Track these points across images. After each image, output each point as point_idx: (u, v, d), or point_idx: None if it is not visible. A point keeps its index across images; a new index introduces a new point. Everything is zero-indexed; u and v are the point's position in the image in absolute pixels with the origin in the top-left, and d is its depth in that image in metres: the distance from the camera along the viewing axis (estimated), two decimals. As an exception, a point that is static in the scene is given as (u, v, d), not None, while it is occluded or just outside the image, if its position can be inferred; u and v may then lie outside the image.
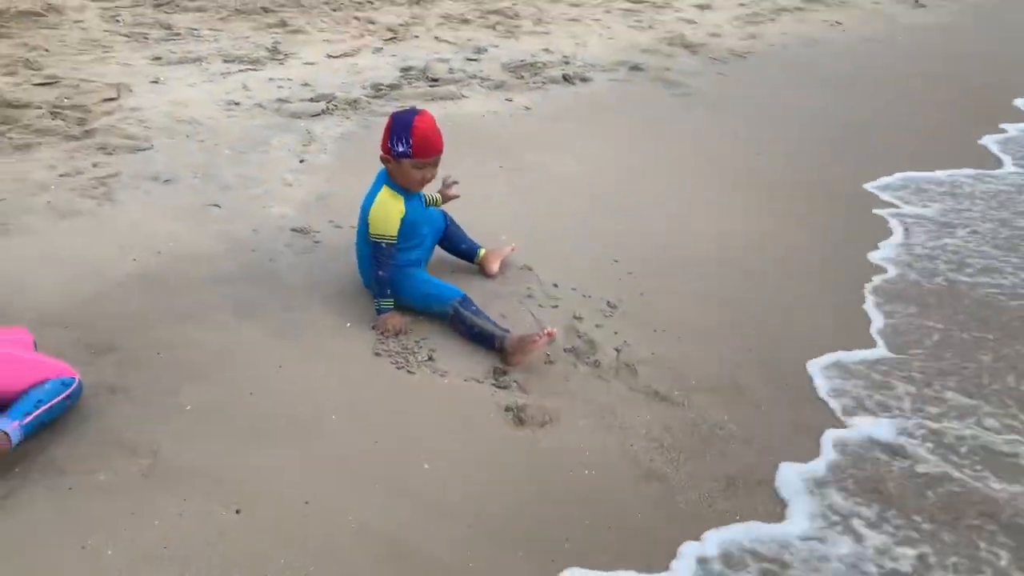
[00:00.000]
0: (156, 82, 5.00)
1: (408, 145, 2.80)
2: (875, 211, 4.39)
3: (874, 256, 3.91)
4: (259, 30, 6.30)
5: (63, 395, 2.27)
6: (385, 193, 2.90)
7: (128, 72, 5.12)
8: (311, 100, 4.94)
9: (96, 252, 3.21)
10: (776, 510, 2.34)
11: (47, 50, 5.34)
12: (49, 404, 2.23)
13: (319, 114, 4.77)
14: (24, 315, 2.75)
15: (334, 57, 5.80)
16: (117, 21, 6.11)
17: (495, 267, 3.37)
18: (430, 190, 3.26)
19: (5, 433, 2.11)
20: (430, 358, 2.81)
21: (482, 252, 3.39)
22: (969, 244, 4.07)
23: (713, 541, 2.21)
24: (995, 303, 3.55)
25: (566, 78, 5.90)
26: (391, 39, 6.42)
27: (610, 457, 2.46)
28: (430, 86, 5.39)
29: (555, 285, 3.35)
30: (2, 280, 2.97)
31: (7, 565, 1.91)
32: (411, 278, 3.02)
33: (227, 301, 2.99)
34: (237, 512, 2.12)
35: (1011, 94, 6.71)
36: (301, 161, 4.19)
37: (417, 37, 6.56)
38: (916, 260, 3.89)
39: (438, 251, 3.37)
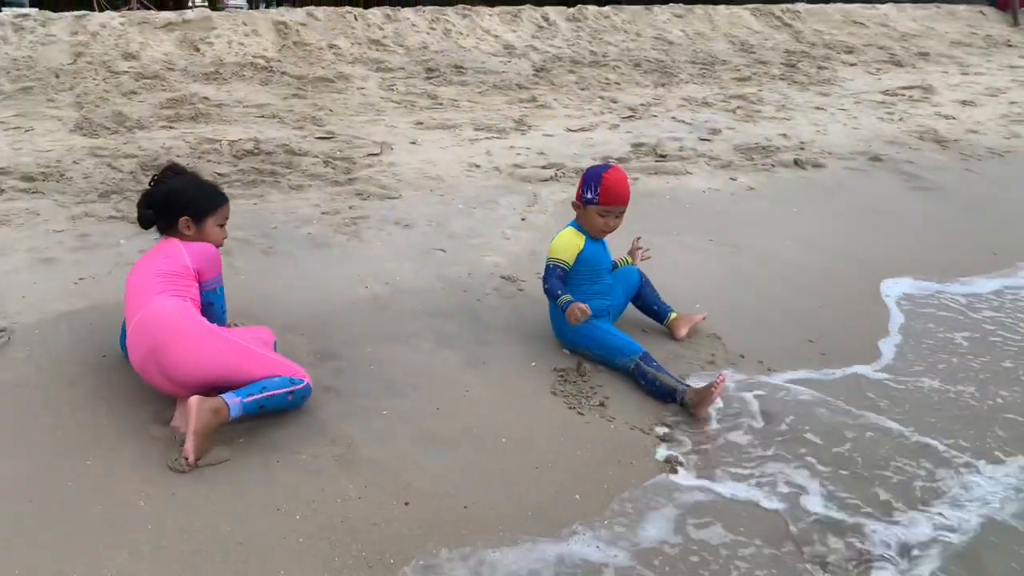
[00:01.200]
0: (414, 143, 5.68)
1: (596, 193, 3.11)
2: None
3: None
4: (511, 104, 6.93)
5: (288, 389, 2.63)
6: (569, 230, 3.25)
7: (392, 133, 5.87)
8: (542, 167, 5.38)
9: (337, 278, 3.75)
10: None
11: (331, 110, 6.26)
12: (272, 392, 2.59)
13: (547, 180, 5.18)
14: (272, 320, 3.29)
15: (572, 131, 6.25)
16: (392, 89, 6.99)
17: (684, 331, 3.51)
18: (618, 253, 3.49)
19: (225, 403, 2.54)
20: (602, 404, 3.00)
21: (673, 315, 3.54)
22: None
23: None
24: None
25: (797, 162, 5.91)
26: (629, 117, 6.78)
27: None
28: (656, 160, 5.65)
29: (741, 356, 3.42)
30: (259, 290, 3.56)
31: (219, 513, 2.33)
32: (597, 329, 3.24)
33: (433, 330, 3.38)
34: (406, 504, 2.42)
35: None
36: (522, 219, 4.58)
37: (655, 116, 6.88)
38: None
39: (631, 309, 3.57)
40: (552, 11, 9.70)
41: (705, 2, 11.63)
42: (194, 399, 2.51)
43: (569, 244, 3.21)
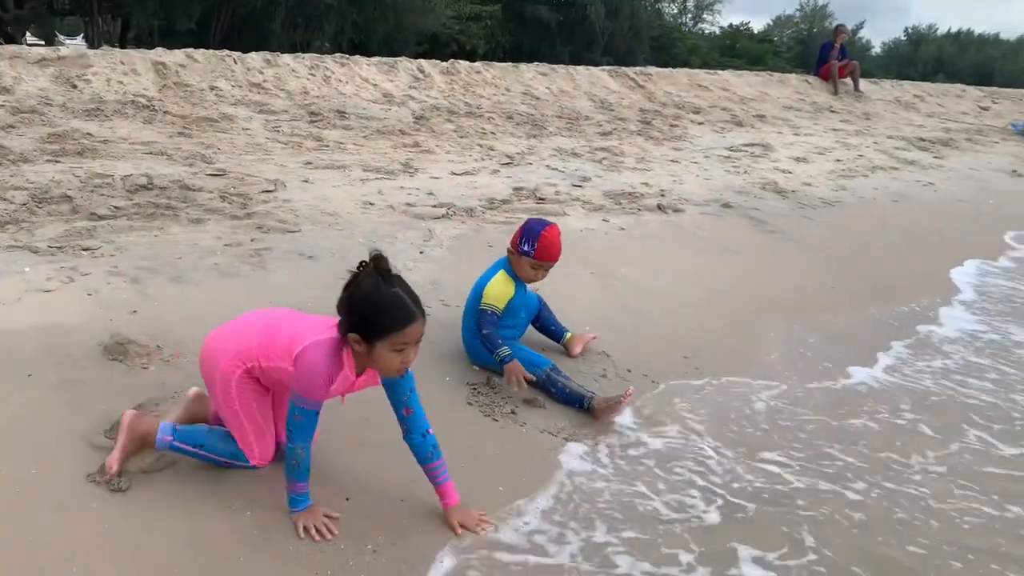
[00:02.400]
0: (306, 181, 5.87)
1: (533, 247, 3.47)
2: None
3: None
4: (396, 148, 7.24)
5: (226, 460, 2.63)
6: (502, 276, 3.58)
7: (283, 171, 6.03)
8: (433, 206, 5.70)
9: (250, 304, 3.81)
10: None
11: (219, 148, 6.35)
12: (206, 454, 2.63)
13: (439, 217, 5.50)
14: (195, 342, 3.41)
15: (456, 174, 6.62)
16: (278, 131, 7.15)
17: (578, 349, 3.90)
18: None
19: (154, 435, 2.61)
20: (513, 412, 3.32)
21: (568, 335, 3.93)
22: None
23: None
24: None
25: (660, 207, 6.53)
26: (507, 163, 7.23)
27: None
28: (537, 202, 6.10)
29: (628, 370, 3.84)
30: (177, 315, 3.66)
31: (175, 510, 2.47)
32: (509, 347, 3.58)
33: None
34: (347, 499, 2.63)
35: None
36: (421, 252, 4.88)
37: (531, 164, 7.37)
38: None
39: (530, 329, 3.94)
40: (427, 64, 10.13)
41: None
42: (129, 415, 2.64)
43: (502, 293, 3.54)
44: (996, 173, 10.38)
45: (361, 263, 2.38)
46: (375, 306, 2.33)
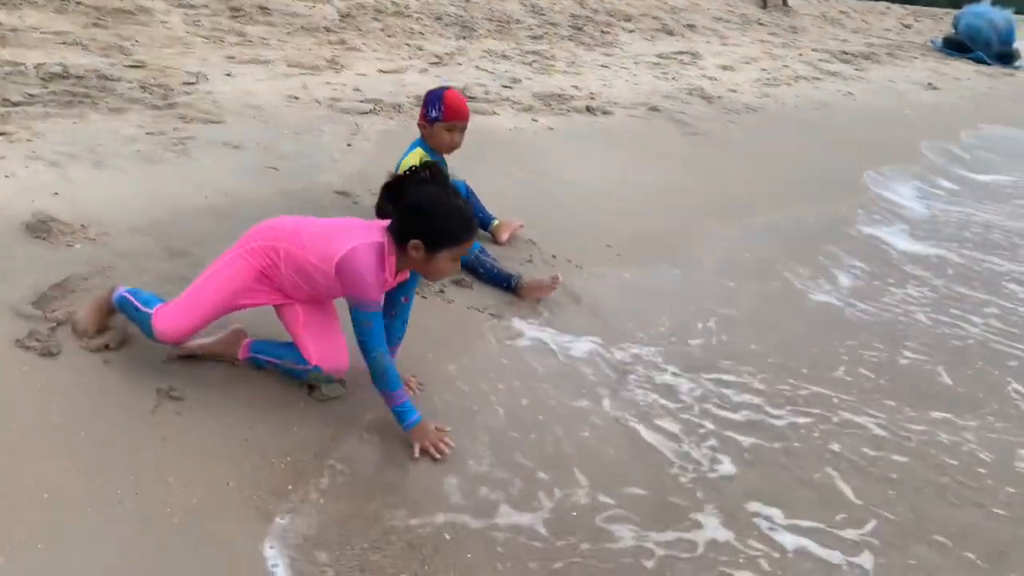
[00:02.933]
0: (229, 75, 5.73)
1: (440, 111, 3.47)
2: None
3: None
4: (321, 45, 7.08)
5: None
6: (417, 150, 3.57)
7: (205, 65, 5.87)
8: (360, 102, 5.65)
9: (175, 189, 3.86)
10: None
11: (137, 41, 6.12)
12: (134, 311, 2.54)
13: (366, 112, 5.46)
14: (116, 223, 3.39)
15: (384, 72, 6.54)
16: (198, 25, 6.91)
17: (505, 236, 3.99)
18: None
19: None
20: (441, 291, 3.42)
21: (495, 222, 4.01)
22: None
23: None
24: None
25: (589, 109, 6.59)
26: (436, 63, 7.17)
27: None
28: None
29: (553, 256, 3.97)
30: (98, 196, 3.61)
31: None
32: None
33: (279, 234, 3.63)
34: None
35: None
36: (348, 145, 4.86)
37: (460, 64, 7.31)
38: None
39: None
40: (353, -39, 9.80)
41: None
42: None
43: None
44: (913, 86, 10.71)
45: (412, 168, 2.40)
46: (447, 216, 2.35)
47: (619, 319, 3.52)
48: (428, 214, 2.34)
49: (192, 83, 5.40)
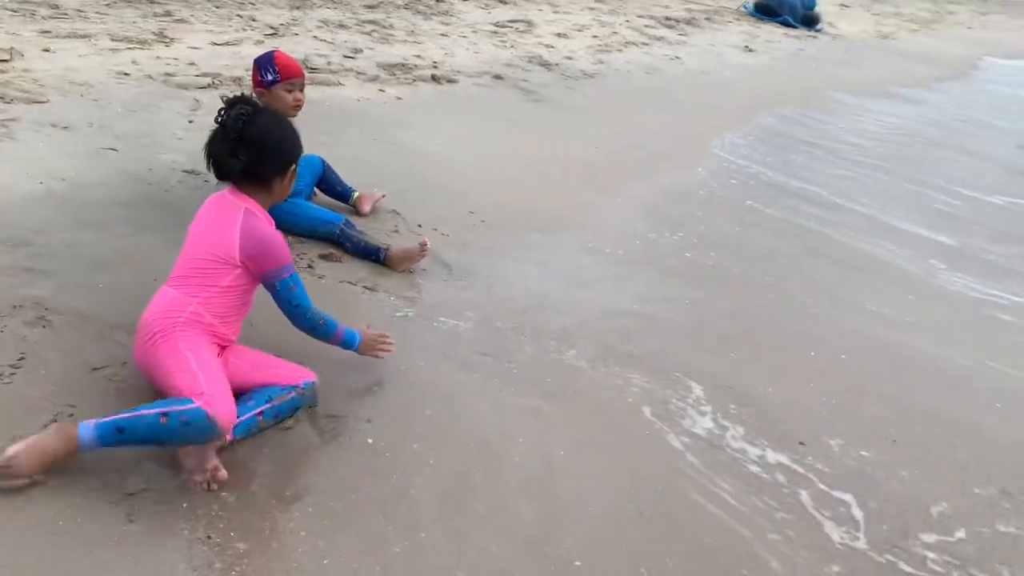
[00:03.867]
0: (47, 51, 5.29)
1: (275, 72, 3.36)
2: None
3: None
4: (145, 18, 6.65)
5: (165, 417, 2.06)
6: None
7: (18, 40, 5.39)
8: (197, 76, 5.37)
9: (4, 177, 3.56)
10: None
11: (-68, 15, 5.54)
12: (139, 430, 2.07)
13: (205, 87, 5.21)
14: (-59, 215, 3.10)
15: (218, 45, 6.24)
16: (0, -3, 6.32)
17: (367, 208, 3.95)
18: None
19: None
20: (310, 266, 3.35)
21: (356, 195, 3.96)
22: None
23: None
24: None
25: (434, 78, 6.57)
26: (272, 34, 6.91)
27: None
28: (309, 73, 5.90)
29: (419, 225, 3.97)
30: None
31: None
32: (297, 207, 3.55)
33: (126, 217, 3.43)
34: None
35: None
36: (190, 121, 4.63)
37: (297, 35, 7.08)
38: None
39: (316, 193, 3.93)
40: (169, -72, 9.22)
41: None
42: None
43: None
44: (732, 48, 11.33)
45: (220, 109, 2.35)
46: (284, 135, 2.41)
47: (496, 285, 3.57)
48: (280, 142, 2.39)
49: (6, 60, 4.95)
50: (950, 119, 9.28)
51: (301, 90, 3.47)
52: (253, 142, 2.31)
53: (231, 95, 2.44)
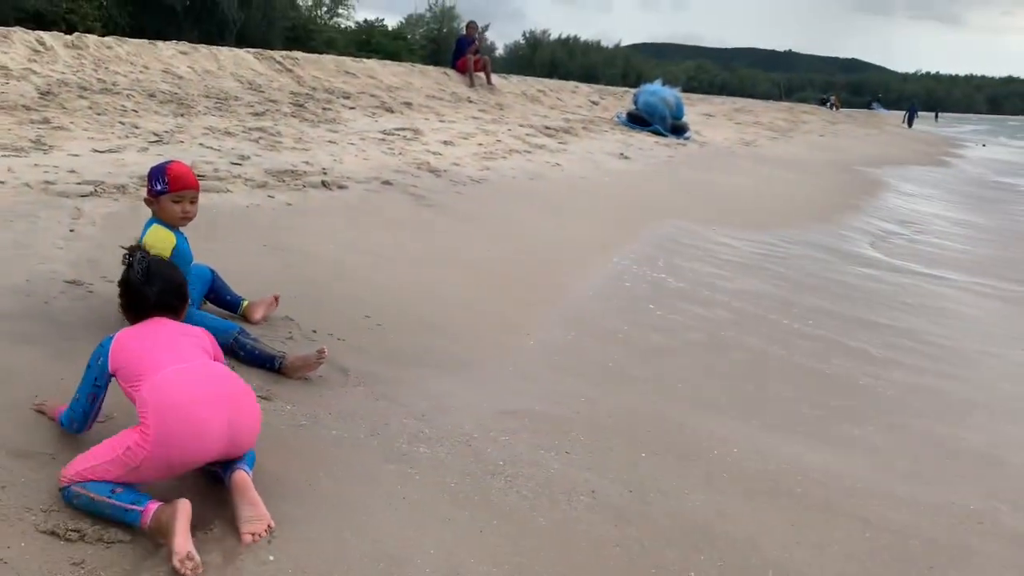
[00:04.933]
0: (-88, 158, 5.08)
1: (165, 183, 3.39)
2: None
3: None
4: (21, 124, 6.49)
5: None
6: (156, 227, 3.45)
7: None
8: (78, 183, 5.25)
9: None
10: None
11: None
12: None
13: (87, 195, 5.09)
14: None
15: (100, 152, 6.13)
16: None
17: (258, 315, 3.91)
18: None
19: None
20: (203, 376, 3.27)
21: (245, 303, 3.92)
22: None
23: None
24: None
25: (324, 184, 6.64)
26: (156, 141, 6.85)
27: (358, 441, 3.05)
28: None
29: (314, 331, 3.95)
30: None
31: None
32: (189, 317, 3.46)
33: (4, 330, 3.26)
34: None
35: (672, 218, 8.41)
36: (71, 231, 4.49)
37: (182, 142, 7.05)
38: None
39: (207, 304, 3.86)
40: (47, 36, 9.12)
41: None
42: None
43: (162, 239, 3.38)
44: (608, 156, 11.97)
45: (139, 254, 2.72)
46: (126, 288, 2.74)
47: (395, 390, 3.56)
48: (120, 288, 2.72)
49: None
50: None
51: (192, 202, 3.48)
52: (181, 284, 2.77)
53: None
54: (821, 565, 2.77)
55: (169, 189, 3.41)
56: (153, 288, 2.63)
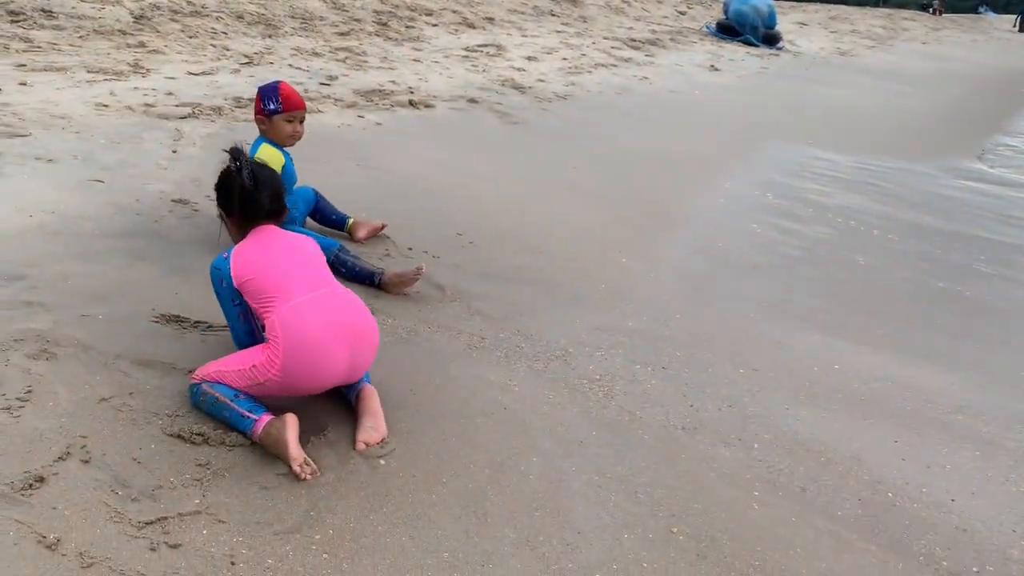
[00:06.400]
0: (24, 84, 5.27)
1: (278, 102, 3.45)
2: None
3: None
4: (119, 49, 6.64)
5: None
6: (266, 145, 3.52)
7: (-8, 74, 5.36)
8: (177, 106, 5.37)
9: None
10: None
11: (-95, 51, 5.49)
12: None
13: (186, 117, 5.21)
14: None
15: (195, 74, 6.24)
16: (-28, 31, 6.27)
17: (363, 234, 3.98)
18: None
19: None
20: (307, 292, 3.36)
21: (351, 220, 3.99)
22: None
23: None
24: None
25: (412, 103, 6.63)
26: (247, 63, 6.93)
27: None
28: (289, 101, 5.93)
29: (409, 248, 4.00)
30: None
31: None
32: (296, 231, 3.56)
33: (119, 248, 3.42)
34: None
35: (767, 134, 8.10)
36: (174, 152, 4.63)
37: (272, 63, 7.11)
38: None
39: (309, 223, 3.94)
40: (137, -41, 9.21)
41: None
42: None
43: (273, 158, 3.45)
44: (698, 68, 11.56)
45: (240, 158, 2.60)
46: (228, 188, 2.66)
47: (490, 305, 3.60)
48: (218, 189, 2.69)
49: (-17, 94, 4.92)
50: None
51: (301, 122, 3.55)
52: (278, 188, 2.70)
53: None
54: (930, 484, 2.72)
55: (283, 109, 3.49)
56: (263, 195, 2.57)
